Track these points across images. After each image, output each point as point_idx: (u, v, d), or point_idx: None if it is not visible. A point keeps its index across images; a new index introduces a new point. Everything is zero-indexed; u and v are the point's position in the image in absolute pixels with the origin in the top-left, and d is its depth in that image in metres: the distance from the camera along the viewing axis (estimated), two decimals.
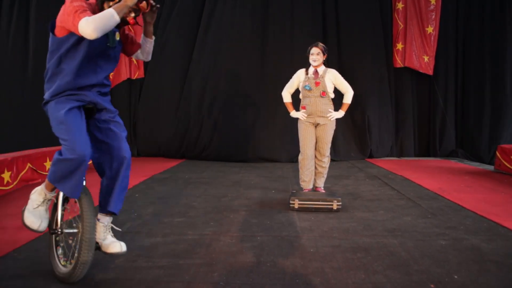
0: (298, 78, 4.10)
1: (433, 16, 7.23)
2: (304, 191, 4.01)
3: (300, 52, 6.83)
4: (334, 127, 4.05)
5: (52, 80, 2.15)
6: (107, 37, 2.13)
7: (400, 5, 7.29)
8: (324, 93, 3.96)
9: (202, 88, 7.05)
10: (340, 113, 4.01)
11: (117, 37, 2.27)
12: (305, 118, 3.96)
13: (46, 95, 2.17)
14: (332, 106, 4.03)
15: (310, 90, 3.95)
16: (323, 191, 4.11)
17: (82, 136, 2.05)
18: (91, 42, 2.04)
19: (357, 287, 2.05)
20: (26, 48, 6.90)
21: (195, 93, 7.14)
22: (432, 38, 7.26)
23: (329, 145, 4.05)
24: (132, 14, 2.19)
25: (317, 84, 3.93)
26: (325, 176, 4.15)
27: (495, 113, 7.27)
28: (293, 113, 4.10)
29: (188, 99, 7.15)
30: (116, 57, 2.31)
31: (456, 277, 2.15)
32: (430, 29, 7.25)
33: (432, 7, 7.22)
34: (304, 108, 4.02)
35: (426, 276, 2.16)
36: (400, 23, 7.32)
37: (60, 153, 2.05)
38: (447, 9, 7.27)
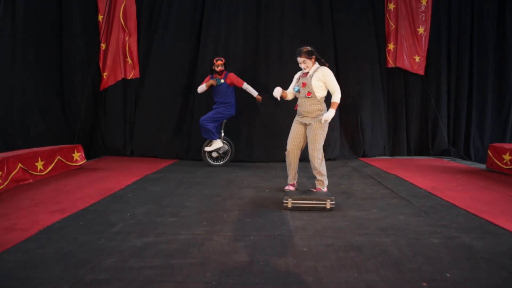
0: (295, 80, 4.22)
1: (424, 18, 7.29)
2: (289, 187, 4.17)
3: (293, 55, 6.87)
4: (322, 127, 3.95)
5: None
6: (217, 81, 6.00)
7: (391, 6, 7.34)
8: (309, 93, 3.95)
9: (197, 90, 7.02)
10: (331, 112, 3.85)
11: (222, 81, 5.98)
12: (277, 95, 4.09)
13: None
14: (321, 106, 3.98)
15: (298, 91, 4.04)
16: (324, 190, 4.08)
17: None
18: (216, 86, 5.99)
19: (350, 286, 2.05)
20: (12, 47, 6.78)
21: (191, 95, 7.13)
22: (423, 38, 7.32)
23: (317, 145, 3.93)
24: (219, 68, 5.92)
25: (303, 85, 3.97)
26: (321, 178, 4.04)
27: (486, 112, 7.37)
28: (276, 89, 4.13)
29: (183, 100, 7.13)
30: (222, 90, 6.04)
31: (448, 275, 2.16)
32: (421, 30, 7.30)
33: (423, 8, 7.28)
34: (296, 107, 4.16)
35: (419, 275, 2.16)
36: (391, 23, 7.37)
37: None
38: (439, 10, 7.34)
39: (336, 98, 3.92)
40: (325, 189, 4.07)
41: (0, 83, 6.77)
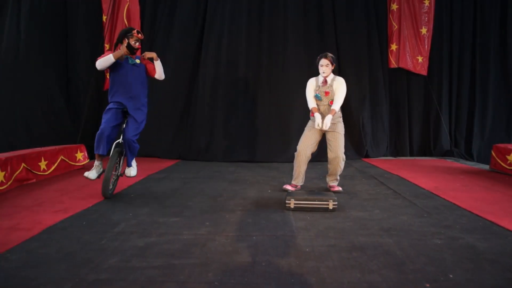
0: (312, 87, 4.25)
1: (427, 18, 7.28)
2: (292, 186, 4.27)
3: (296, 56, 6.93)
4: (343, 131, 4.24)
5: None
6: (128, 61, 3.87)
7: (394, 6, 7.33)
8: (332, 102, 4.15)
9: (200, 91, 7.05)
10: (329, 118, 4.05)
11: (138, 61, 3.92)
12: (319, 127, 4.09)
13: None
14: (340, 113, 4.26)
15: (320, 99, 4.14)
16: (340, 188, 4.30)
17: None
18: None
19: (353, 287, 2.04)
20: (17, 47, 6.81)
21: (193, 95, 7.15)
22: (426, 39, 7.31)
23: (342, 148, 4.20)
24: (137, 43, 3.85)
25: (326, 93, 4.16)
26: (338, 178, 4.36)
27: (488, 112, 7.35)
28: (316, 115, 4.11)
29: (185, 100, 7.15)
30: (139, 78, 3.95)
31: (451, 276, 2.15)
32: (424, 30, 7.30)
33: (426, 8, 7.27)
34: (313, 114, 4.22)
35: (422, 275, 2.15)
36: (394, 24, 7.35)
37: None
38: (441, 10, 7.34)
39: (336, 106, 4.12)
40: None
41: (5, 83, 6.80)
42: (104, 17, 7.13)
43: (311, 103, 4.23)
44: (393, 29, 7.35)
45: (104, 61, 3.69)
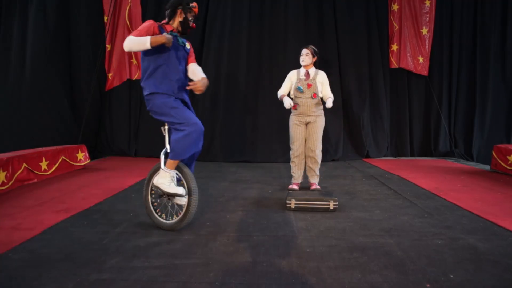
0: (290, 80, 4.32)
1: (428, 19, 7.29)
2: (294, 186, 4.28)
3: (297, 56, 6.90)
4: (323, 124, 4.25)
5: None
6: (177, 40, 2.97)
7: (395, 7, 7.33)
8: (315, 95, 4.19)
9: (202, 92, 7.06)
10: (330, 100, 4.09)
11: (188, 46, 3.10)
12: (291, 106, 4.10)
13: None
14: (321, 105, 4.28)
15: (302, 92, 4.11)
16: (318, 187, 4.29)
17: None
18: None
19: (354, 287, 2.04)
20: (23, 48, 6.84)
21: (195, 96, 7.14)
22: (427, 39, 7.31)
23: (320, 141, 4.24)
24: (192, 22, 3.05)
25: (309, 86, 4.17)
26: (318, 173, 4.33)
27: (488, 112, 7.36)
28: (285, 99, 4.12)
29: None
30: (184, 63, 3.09)
31: (452, 276, 2.15)
32: (425, 31, 7.30)
33: (427, 9, 7.27)
34: (295, 107, 4.24)
35: (422, 276, 2.16)
36: (395, 24, 7.36)
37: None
38: (442, 11, 7.34)
39: (331, 98, 4.13)
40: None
41: (9, 83, 6.83)
42: (106, 18, 7.15)
43: (282, 91, 4.28)
44: (394, 30, 7.36)
45: (136, 45, 2.71)
